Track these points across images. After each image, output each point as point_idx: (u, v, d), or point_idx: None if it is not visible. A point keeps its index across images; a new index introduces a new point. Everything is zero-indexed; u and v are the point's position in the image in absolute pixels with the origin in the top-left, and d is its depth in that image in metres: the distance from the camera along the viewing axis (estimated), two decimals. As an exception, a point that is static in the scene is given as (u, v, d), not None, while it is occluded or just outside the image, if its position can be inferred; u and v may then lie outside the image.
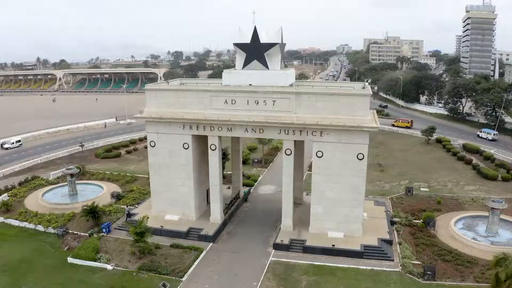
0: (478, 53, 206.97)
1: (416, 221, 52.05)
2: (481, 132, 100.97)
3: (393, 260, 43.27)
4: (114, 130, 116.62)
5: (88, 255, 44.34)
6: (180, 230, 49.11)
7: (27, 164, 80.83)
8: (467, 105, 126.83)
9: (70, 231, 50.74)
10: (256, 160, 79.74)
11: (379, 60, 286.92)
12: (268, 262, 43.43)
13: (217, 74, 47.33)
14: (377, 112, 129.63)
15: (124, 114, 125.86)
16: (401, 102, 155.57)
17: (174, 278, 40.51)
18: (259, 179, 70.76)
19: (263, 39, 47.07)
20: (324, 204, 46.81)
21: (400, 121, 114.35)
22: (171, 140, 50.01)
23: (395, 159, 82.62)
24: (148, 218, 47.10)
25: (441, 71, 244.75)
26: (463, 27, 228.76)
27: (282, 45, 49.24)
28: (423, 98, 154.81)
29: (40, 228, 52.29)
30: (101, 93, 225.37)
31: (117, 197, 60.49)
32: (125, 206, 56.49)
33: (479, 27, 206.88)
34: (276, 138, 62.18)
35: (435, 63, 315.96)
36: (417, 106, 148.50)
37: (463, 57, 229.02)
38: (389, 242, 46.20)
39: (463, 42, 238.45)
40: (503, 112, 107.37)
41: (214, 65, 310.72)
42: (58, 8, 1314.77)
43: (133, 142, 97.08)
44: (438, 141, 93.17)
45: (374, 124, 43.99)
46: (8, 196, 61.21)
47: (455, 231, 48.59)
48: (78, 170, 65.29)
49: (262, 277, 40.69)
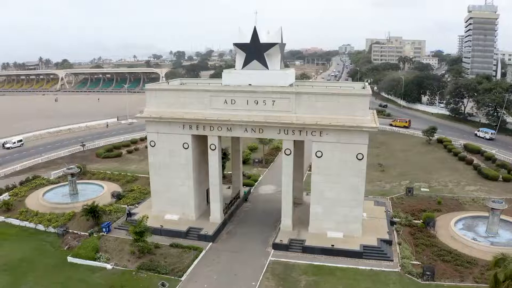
0: (480, 53, 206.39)
1: (416, 222, 51.94)
2: (479, 131, 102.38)
3: (393, 260, 43.22)
4: (116, 130, 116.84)
5: (88, 255, 44.49)
6: (180, 230, 49.18)
7: (28, 164, 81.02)
8: (469, 105, 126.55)
9: (70, 231, 50.90)
10: (257, 160, 79.76)
11: (381, 60, 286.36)
12: (267, 262, 43.46)
13: (219, 74, 47.66)
14: (379, 112, 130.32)
15: (126, 114, 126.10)
16: (403, 102, 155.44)
17: (173, 278, 40.61)
18: (260, 179, 70.80)
19: (263, 39, 47.08)
20: (324, 204, 46.80)
21: (398, 121, 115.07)
22: (171, 140, 50.10)
23: (396, 159, 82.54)
24: (148, 218, 47.26)
25: (443, 71, 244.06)
26: (465, 27, 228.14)
27: (282, 45, 49.23)
28: (425, 98, 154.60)
29: (41, 228, 52.47)
30: (103, 93, 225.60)
31: (118, 197, 60.65)
32: (126, 206, 56.66)
33: (481, 27, 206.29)
34: (276, 138, 62.17)
35: (438, 63, 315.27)
36: (419, 106, 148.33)
37: (465, 57, 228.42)
38: (389, 242, 46.14)
39: (465, 42, 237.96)
40: (505, 113, 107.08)
41: (216, 65, 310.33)
42: (58, 8, 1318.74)
43: (134, 142, 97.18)
44: (439, 141, 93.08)
45: (374, 124, 43.93)
46: (9, 196, 61.40)
47: (455, 232, 48.51)
48: (79, 170, 65.45)
49: (261, 277, 40.74)
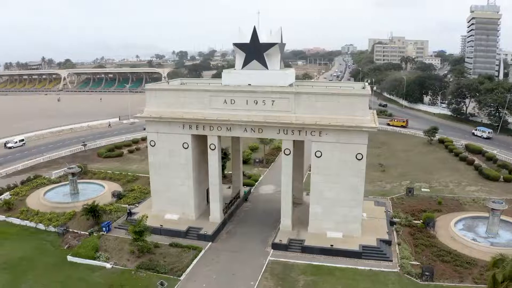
0: (483, 53, 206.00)
1: (416, 222, 51.86)
2: (476, 130, 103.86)
3: (392, 261, 43.19)
4: (118, 130, 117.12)
5: (88, 254, 44.63)
6: (180, 229, 49.27)
7: (30, 163, 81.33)
8: (471, 106, 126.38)
9: (71, 230, 51.05)
10: (258, 160, 79.80)
11: (384, 60, 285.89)
12: (267, 262, 43.49)
13: (221, 74, 47.72)
14: (380, 112, 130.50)
15: (128, 114, 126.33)
16: (405, 102, 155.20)
17: (172, 277, 40.66)
18: (260, 179, 70.83)
19: (263, 39, 47.07)
20: (323, 204, 46.79)
21: (396, 120, 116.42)
22: (171, 140, 50.19)
23: (397, 160, 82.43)
24: (147, 217, 47.34)
25: (446, 72, 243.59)
26: (468, 27, 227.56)
27: (282, 45, 49.23)
28: (427, 99, 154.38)
29: (41, 227, 52.64)
30: (105, 93, 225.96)
31: (118, 196, 60.80)
32: (127, 205, 56.82)
33: (484, 27, 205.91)
34: (275, 138, 62.13)
35: (440, 64, 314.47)
36: (421, 107, 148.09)
37: (468, 57, 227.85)
38: (388, 243, 46.08)
39: (468, 43, 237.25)
40: (507, 113, 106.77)
41: (219, 65, 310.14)
42: (58, 8, 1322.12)
43: (136, 142, 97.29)
44: (441, 142, 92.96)
45: (373, 124, 43.88)
46: (10, 195, 61.59)
47: (455, 232, 48.42)
48: (80, 169, 65.67)
49: (260, 277, 40.78)
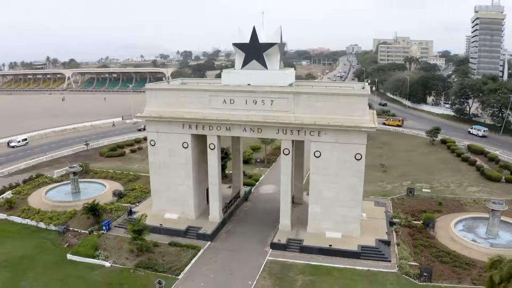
0: (487, 54, 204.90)
1: (416, 222, 51.70)
2: (472, 129, 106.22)
3: (390, 261, 43.10)
4: (120, 130, 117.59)
5: (87, 252, 44.85)
6: (179, 229, 49.40)
7: (32, 162, 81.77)
8: (474, 106, 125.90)
9: (71, 229, 51.30)
10: (259, 160, 79.88)
11: (388, 61, 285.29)
12: (265, 262, 43.52)
13: (224, 74, 48.20)
14: (383, 112, 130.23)
15: (131, 114, 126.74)
16: (408, 103, 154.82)
17: (171, 276, 40.79)
18: (261, 179, 70.88)
19: (262, 39, 47.15)
20: (322, 204, 46.76)
21: (392, 120, 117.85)
22: (171, 139, 50.32)
23: (399, 160, 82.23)
24: (147, 216, 47.52)
25: (450, 72, 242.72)
26: (472, 28, 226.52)
27: (282, 45, 49.26)
28: (430, 99, 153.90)
29: (42, 225, 52.95)
30: (109, 93, 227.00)
31: (119, 196, 61.06)
32: (128, 204, 57.11)
33: (488, 28, 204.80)
34: (274, 138, 62.19)
35: (445, 64, 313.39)
36: (424, 107, 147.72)
37: (472, 58, 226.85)
38: (387, 243, 45.98)
39: (472, 43, 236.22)
40: (510, 113, 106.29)
41: (223, 65, 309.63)
42: (58, 8, 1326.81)
43: (138, 141, 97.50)
44: (443, 142, 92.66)
45: (372, 124, 43.81)
46: (12, 194, 61.97)
47: (455, 233, 48.24)
48: (81, 169, 66.04)
49: (258, 276, 40.82)
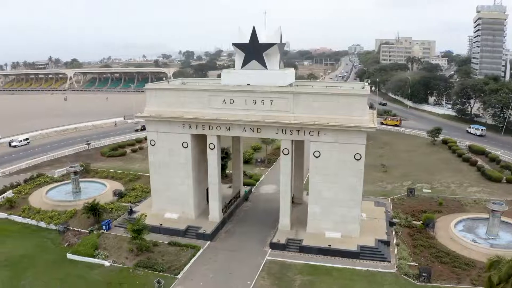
0: (489, 54, 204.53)
1: (416, 223, 51.63)
2: (470, 128, 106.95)
3: (390, 261, 43.06)
4: (122, 129, 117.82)
5: (87, 252, 44.97)
6: (179, 228, 49.48)
7: (34, 162, 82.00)
8: (475, 106, 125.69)
9: (71, 228, 51.47)
10: (259, 160, 79.92)
11: (390, 61, 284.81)
12: (264, 261, 43.56)
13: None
14: (385, 112, 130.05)
15: (132, 113, 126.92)
16: (410, 103, 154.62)
17: (170, 276, 40.87)
18: (261, 179, 70.91)
19: (262, 39, 47.18)
20: (322, 204, 46.75)
21: (389, 119, 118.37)
22: (171, 139, 50.39)
23: (400, 160, 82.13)
24: (146, 216, 47.63)
25: (452, 72, 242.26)
26: (474, 28, 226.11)
27: (281, 45, 49.32)
28: (432, 99, 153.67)
29: (42, 225, 53.13)
30: (111, 92, 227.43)
31: (119, 195, 61.19)
32: (129, 204, 57.30)
33: (490, 28, 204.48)
34: (274, 138, 62.22)
35: (447, 64, 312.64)
36: (425, 107, 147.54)
37: (474, 58, 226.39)
38: (387, 243, 45.94)
39: (474, 43, 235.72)
40: (511, 114, 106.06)
41: (225, 65, 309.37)
42: (58, 8, 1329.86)
43: (139, 141, 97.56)
44: (444, 142, 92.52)
45: (372, 124, 43.77)
46: (13, 193, 62.17)
47: (455, 233, 48.16)
48: (82, 168, 66.22)
49: (257, 276, 40.85)
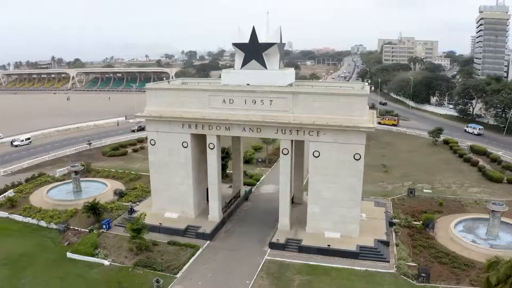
0: (491, 54, 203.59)
1: (416, 223, 51.53)
2: (468, 127, 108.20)
3: (389, 262, 42.99)
4: (123, 129, 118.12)
5: (87, 251, 45.10)
6: (178, 228, 49.55)
7: (35, 161, 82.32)
8: (477, 107, 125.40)
9: (71, 227, 51.65)
10: (260, 160, 79.98)
11: (392, 61, 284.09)
12: (263, 261, 43.58)
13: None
14: (386, 113, 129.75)
15: (134, 113, 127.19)
16: (412, 103, 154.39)
17: (169, 275, 40.96)
18: (262, 179, 70.92)
19: (262, 39, 47.21)
20: (321, 204, 46.75)
21: (387, 119, 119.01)
22: (171, 139, 50.48)
23: (400, 160, 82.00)
24: (146, 215, 47.77)
25: (455, 72, 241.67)
26: (477, 28, 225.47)
27: (281, 45, 49.34)
28: (434, 99, 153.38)
29: (43, 224, 53.33)
30: (113, 92, 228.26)
31: (120, 195, 61.32)
32: (130, 203, 57.48)
33: (492, 28, 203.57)
34: (274, 138, 62.25)
35: (450, 64, 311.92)
36: (427, 107, 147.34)
37: (477, 58, 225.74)
38: (386, 243, 45.88)
39: (477, 43, 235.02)
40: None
41: (227, 65, 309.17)
42: (58, 8, 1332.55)
43: (141, 141, 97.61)
44: (446, 143, 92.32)
45: (371, 124, 43.74)
46: (14, 192, 62.41)
47: (454, 234, 48.07)
48: (83, 168, 66.41)
49: (256, 276, 40.88)
